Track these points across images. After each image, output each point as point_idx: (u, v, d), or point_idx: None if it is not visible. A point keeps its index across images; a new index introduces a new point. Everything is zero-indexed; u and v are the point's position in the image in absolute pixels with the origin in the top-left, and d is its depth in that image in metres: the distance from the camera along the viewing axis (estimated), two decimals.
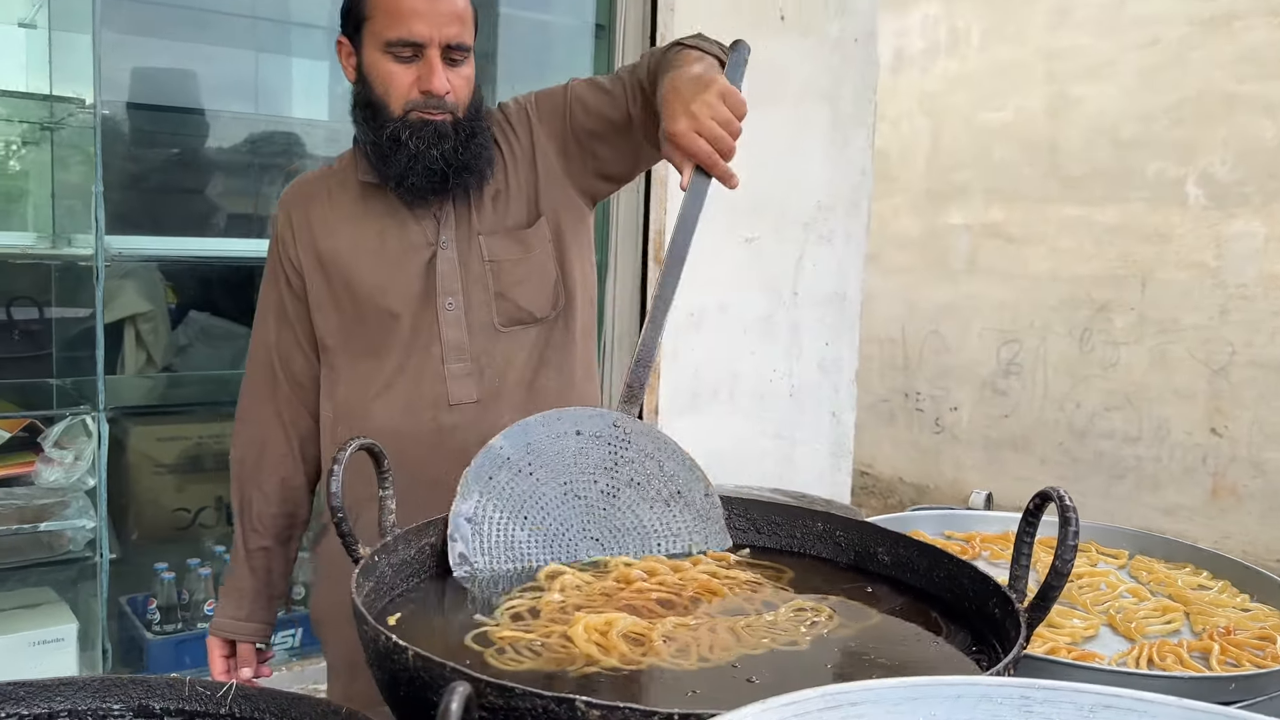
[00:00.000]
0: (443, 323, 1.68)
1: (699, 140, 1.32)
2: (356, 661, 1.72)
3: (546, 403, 1.76)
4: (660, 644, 1.04)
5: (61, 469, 2.18)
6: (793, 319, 3.08)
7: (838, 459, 3.22)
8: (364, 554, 1.11)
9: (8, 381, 2.24)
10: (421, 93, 1.61)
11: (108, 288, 3.02)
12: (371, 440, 1.17)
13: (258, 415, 1.75)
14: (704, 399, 2.91)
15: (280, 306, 1.73)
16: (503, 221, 1.71)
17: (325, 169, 1.76)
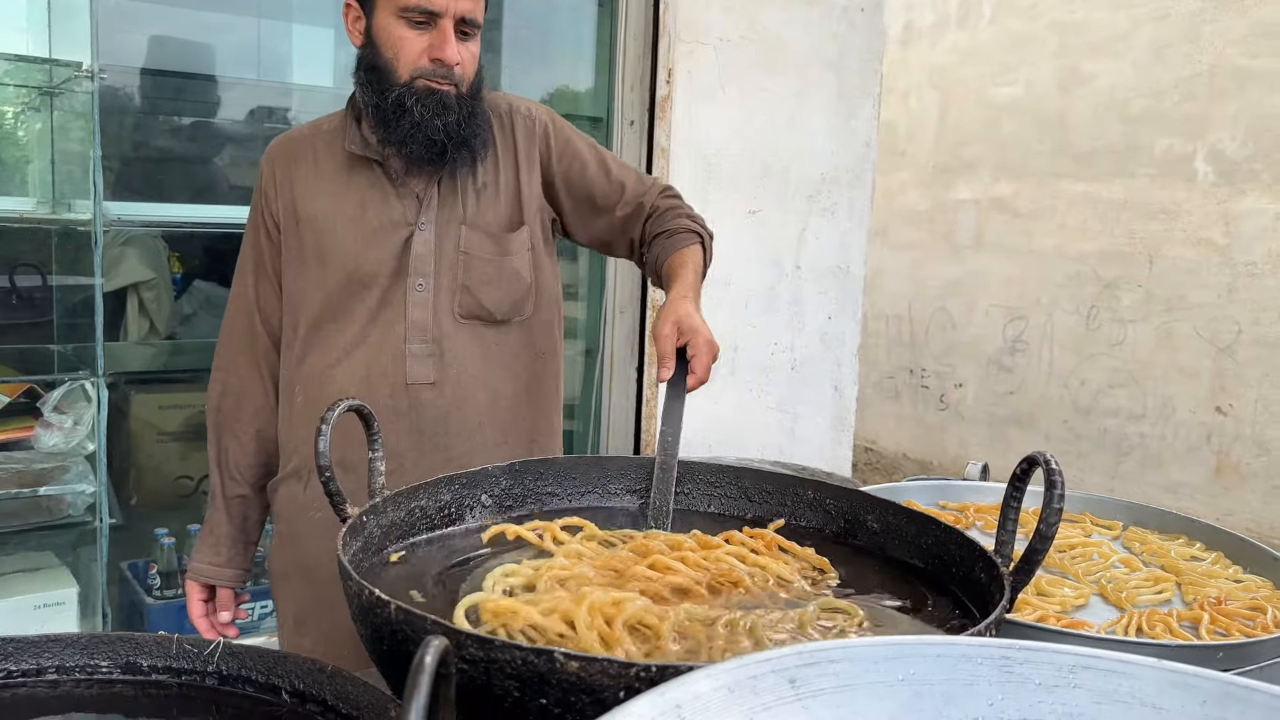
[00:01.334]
0: (410, 302, 1.70)
1: (697, 386, 1.51)
2: (305, 617, 1.76)
3: (503, 404, 1.80)
4: (669, 643, 0.98)
5: (61, 434, 2.19)
6: (795, 292, 3.07)
7: (839, 433, 3.21)
8: (352, 513, 1.12)
9: (8, 347, 2.25)
10: (431, 60, 1.63)
11: (109, 255, 3.03)
12: (360, 402, 1.18)
13: (236, 365, 1.76)
14: None
15: (260, 259, 1.75)
16: (484, 216, 1.74)
17: (312, 127, 1.76)
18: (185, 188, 2.68)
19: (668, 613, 1.01)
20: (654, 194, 1.80)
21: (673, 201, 1.80)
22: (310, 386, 1.71)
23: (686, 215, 1.78)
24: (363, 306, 1.69)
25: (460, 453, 1.71)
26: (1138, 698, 0.81)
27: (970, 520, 1.63)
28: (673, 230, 1.77)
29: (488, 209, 1.75)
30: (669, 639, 0.99)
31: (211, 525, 1.76)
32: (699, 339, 1.51)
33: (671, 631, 1.00)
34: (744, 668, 0.77)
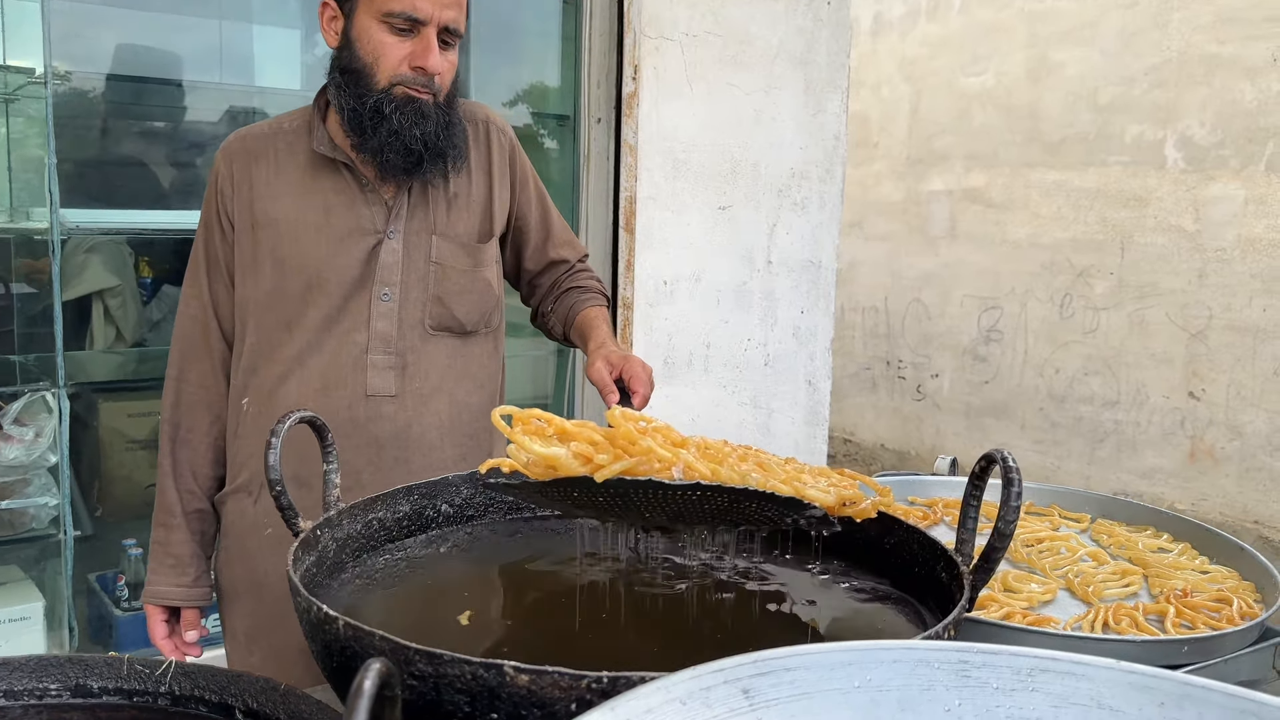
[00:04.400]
0: (374, 313, 1.67)
1: (644, 405, 1.55)
2: (256, 633, 1.73)
3: (466, 417, 1.79)
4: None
5: (22, 446, 2.16)
6: (767, 287, 3.06)
7: (814, 426, 3.21)
8: (304, 527, 1.10)
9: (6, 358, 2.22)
10: (413, 69, 1.60)
11: (73, 263, 2.99)
12: (312, 414, 1.16)
13: (191, 372, 1.72)
14: (678, 367, 2.90)
15: (214, 258, 1.71)
16: (456, 227, 1.73)
17: (273, 125, 1.72)
18: (146, 193, 2.65)
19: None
20: (578, 254, 1.91)
21: (588, 266, 1.93)
22: (260, 397, 1.68)
23: (597, 280, 1.90)
24: (318, 314, 1.66)
25: (420, 467, 1.69)
26: (1095, 700, 0.80)
27: (939, 516, 1.62)
28: (587, 288, 1.86)
29: (459, 219, 1.73)
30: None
31: (169, 545, 1.69)
32: (632, 363, 1.58)
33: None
34: (697, 679, 0.76)
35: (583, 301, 1.85)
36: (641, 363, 1.61)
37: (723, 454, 1.06)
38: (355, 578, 1.15)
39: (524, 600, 1.17)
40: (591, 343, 1.74)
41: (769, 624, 1.11)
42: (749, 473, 1.01)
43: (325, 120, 1.69)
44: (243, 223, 1.68)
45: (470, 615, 1.06)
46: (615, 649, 1.02)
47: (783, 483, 1.02)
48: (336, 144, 1.68)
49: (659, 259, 2.79)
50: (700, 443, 1.07)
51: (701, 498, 0.99)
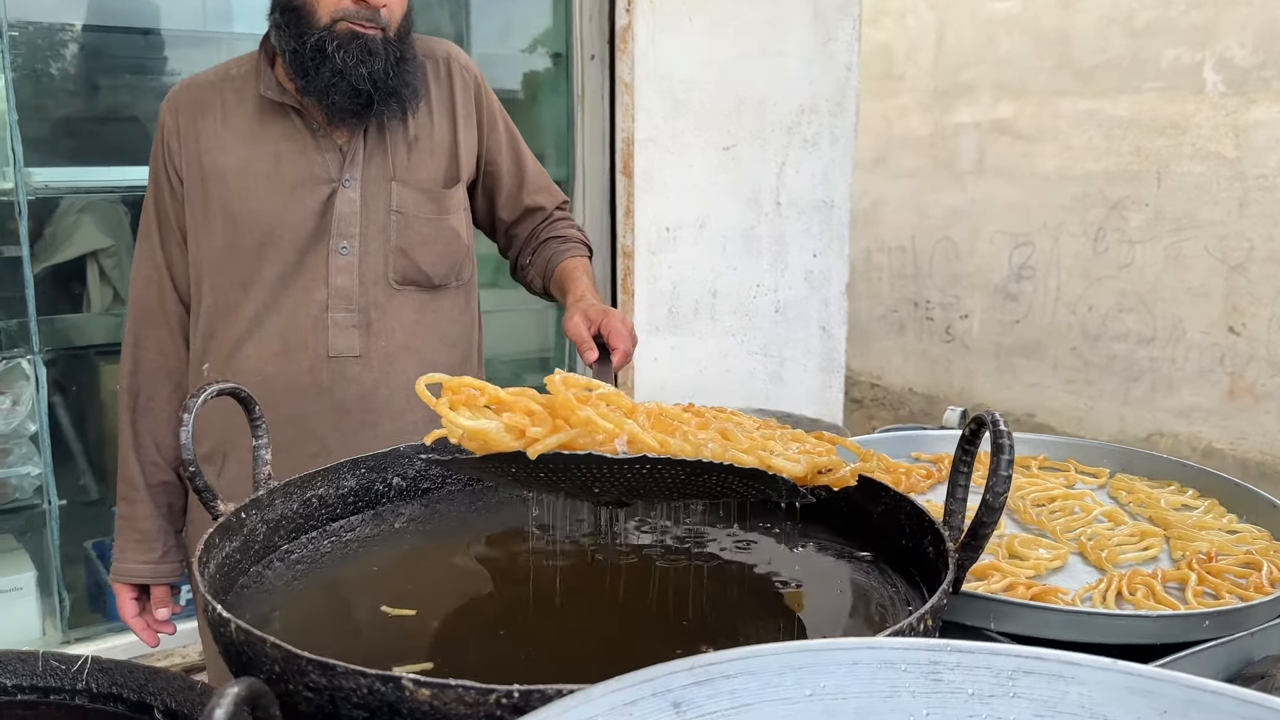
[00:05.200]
0: (332, 268, 1.57)
1: (624, 361, 1.49)
2: None
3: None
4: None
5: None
6: (776, 230, 2.93)
7: (828, 375, 3.08)
8: (224, 510, 1.00)
9: None
10: (355, 1, 1.48)
11: (64, 224, 2.91)
12: (235, 384, 1.06)
13: (149, 338, 1.63)
14: (684, 317, 2.78)
15: (164, 217, 1.61)
16: (418, 172, 1.62)
17: (219, 72, 1.62)
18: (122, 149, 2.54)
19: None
20: (556, 200, 1.80)
21: (567, 214, 1.82)
22: (219, 361, 1.59)
23: (578, 228, 1.80)
24: (274, 271, 1.57)
25: (389, 431, 1.60)
26: (1087, 707, 0.69)
27: (944, 473, 1.51)
28: (566, 238, 1.75)
29: (421, 164, 1.62)
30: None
31: (134, 520, 1.62)
32: (611, 319, 1.49)
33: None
34: (620, 692, 0.66)
35: (562, 252, 1.74)
36: (622, 317, 1.52)
37: (677, 422, 0.95)
38: (289, 564, 1.06)
39: (474, 586, 1.07)
40: (570, 296, 1.63)
41: (738, 609, 1.00)
42: (705, 442, 0.90)
43: (273, 64, 1.58)
44: (191, 177, 1.58)
45: (408, 609, 0.96)
46: (566, 644, 0.92)
47: (745, 452, 0.91)
48: (285, 88, 1.57)
49: (660, 204, 2.66)
50: (654, 410, 0.96)
51: (651, 472, 0.89)
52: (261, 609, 0.96)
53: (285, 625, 0.96)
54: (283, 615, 0.96)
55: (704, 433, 0.94)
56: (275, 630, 0.94)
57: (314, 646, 0.91)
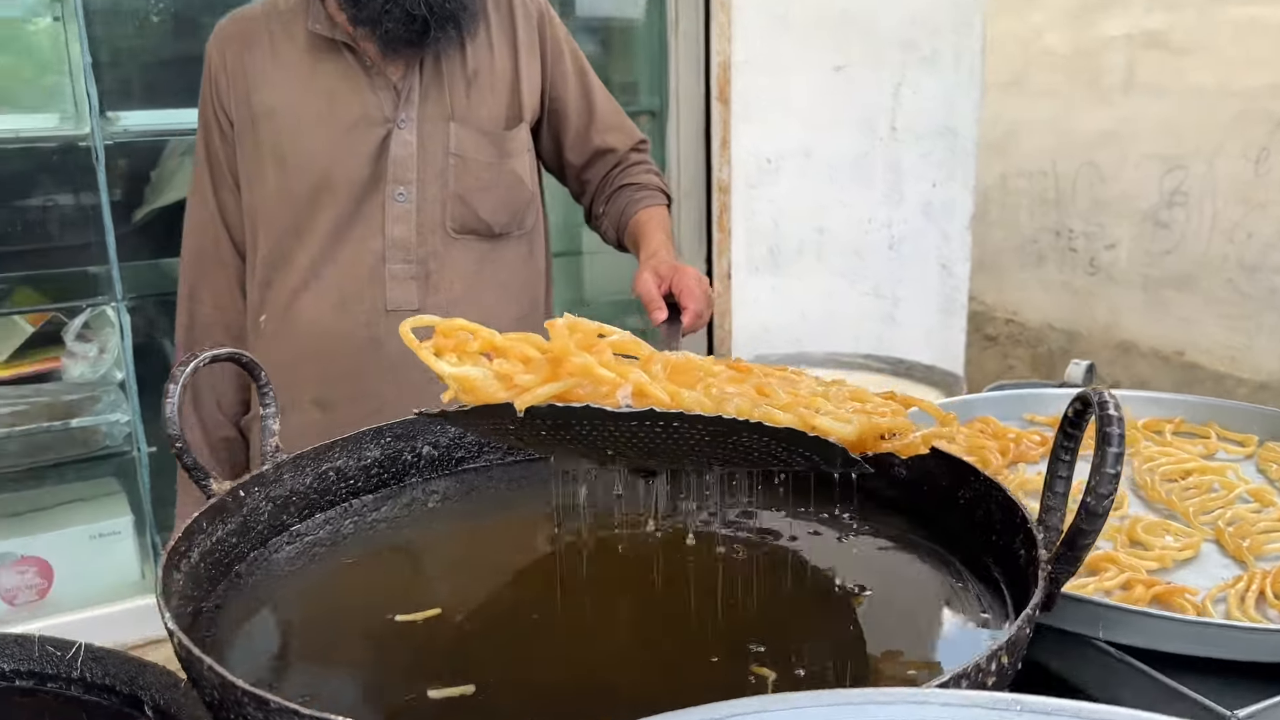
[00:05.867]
0: (389, 216, 1.47)
1: (697, 323, 1.41)
2: None
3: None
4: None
5: (87, 363, 2.10)
6: (891, 159, 2.70)
7: (949, 316, 2.86)
8: (217, 490, 0.91)
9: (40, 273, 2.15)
10: None
11: (166, 168, 2.91)
12: (235, 349, 0.96)
13: (205, 291, 1.57)
14: (787, 256, 2.60)
15: (216, 162, 1.53)
16: (478, 111, 1.50)
17: (267, 5, 1.52)
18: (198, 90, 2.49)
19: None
20: (631, 141, 1.65)
21: (645, 157, 1.66)
22: (276, 313, 1.52)
23: (656, 174, 1.66)
24: (329, 219, 1.48)
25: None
26: None
27: None
28: (642, 184, 1.61)
29: (481, 102, 1.51)
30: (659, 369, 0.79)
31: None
32: (683, 277, 1.38)
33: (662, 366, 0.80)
34: None
35: (637, 202, 1.60)
36: (697, 275, 1.41)
37: (701, 373, 0.80)
38: (302, 547, 0.96)
39: (506, 580, 0.96)
40: (643, 252, 1.51)
41: (789, 610, 0.86)
42: (731, 397, 0.75)
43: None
44: (241, 118, 1.50)
45: (432, 609, 0.84)
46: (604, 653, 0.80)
47: (783, 409, 0.76)
48: (335, 21, 1.46)
49: (759, 133, 2.47)
50: (679, 361, 0.81)
51: (666, 431, 0.74)
52: (254, 602, 0.87)
53: (282, 622, 0.86)
54: (280, 610, 0.87)
55: (734, 387, 0.79)
56: (267, 629, 0.86)
57: (316, 652, 0.82)
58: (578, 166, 1.65)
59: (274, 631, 0.85)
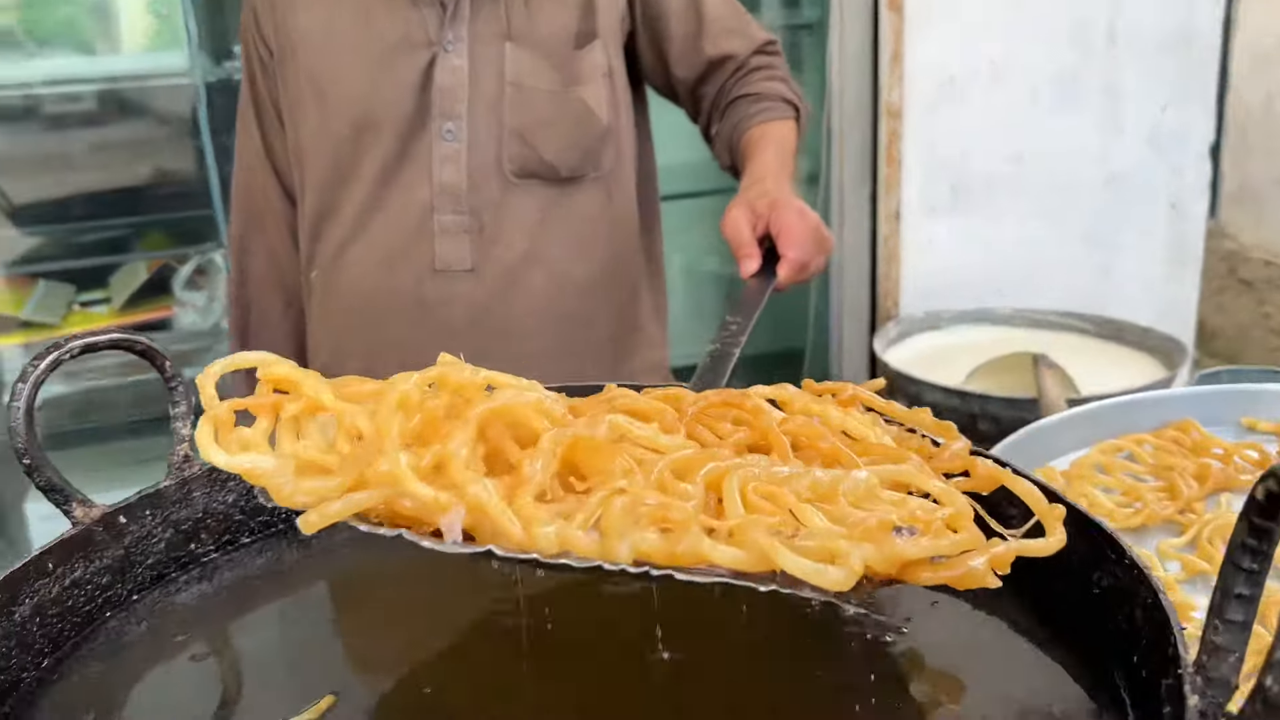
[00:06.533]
0: (436, 158, 1.24)
1: (800, 275, 1.12)
2: None
3: (570, 293, 1.31)
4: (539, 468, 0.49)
5: (196, 312, 2.01)
6: (1109, 76, 2.23)
7: (1179, 267, 2.38)
8: (83, 516, 0.71)
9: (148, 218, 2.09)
10: None
11: None
12: (121, 334, 0.75)
13: (257, 242, 1.40)
14: (973, 195, 2.21)
15: (259, 98, 1.35)
16: (540, 28, 1.24)
17: None
18: None
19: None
20: (753, 44, 1.34)
21: (770, 60, 1.37)
22: (325, 266, 1.34)
23: (782, 79, 1.36)
24: (374, 163, 1.28)
25: (505, 361, 1.28)
26: None
27: None
28: (762, 94, 1.31)
29: (544, 15, 1.25)
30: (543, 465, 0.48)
31: None
32: (783, 213, 1.10)
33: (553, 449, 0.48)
34: None
35: (752, 116, 1.31)
36: (800, 210, 1.12)
37: (607, 458, 0.49)
38: (203, 590, 0.76)
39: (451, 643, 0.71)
40: (744, 178, 1.22)
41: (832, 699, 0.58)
42: (631, 519, 0.46)
43: None
44: (280, 46, 1.32)
45: (333, 695, 0.61)
46: None
47: (734, 532, 0.46)
48: None
49: (940, 45, 2.08)
50: (587, 441, 0.51)
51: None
52: (113, 671, 0.66)
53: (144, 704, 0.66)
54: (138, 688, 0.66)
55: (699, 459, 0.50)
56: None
57: None
58: (690, 82, 1.37)
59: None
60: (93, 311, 2.05)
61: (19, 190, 2.16)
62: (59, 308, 2.03)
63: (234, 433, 0.53)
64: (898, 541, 0.50)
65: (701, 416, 0.61)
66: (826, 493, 0.52)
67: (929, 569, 0.52)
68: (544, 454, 0.47)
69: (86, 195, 2.13)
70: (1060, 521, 0.57)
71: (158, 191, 2.06)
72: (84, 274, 2.15)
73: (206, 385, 0.55)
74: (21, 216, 2.16)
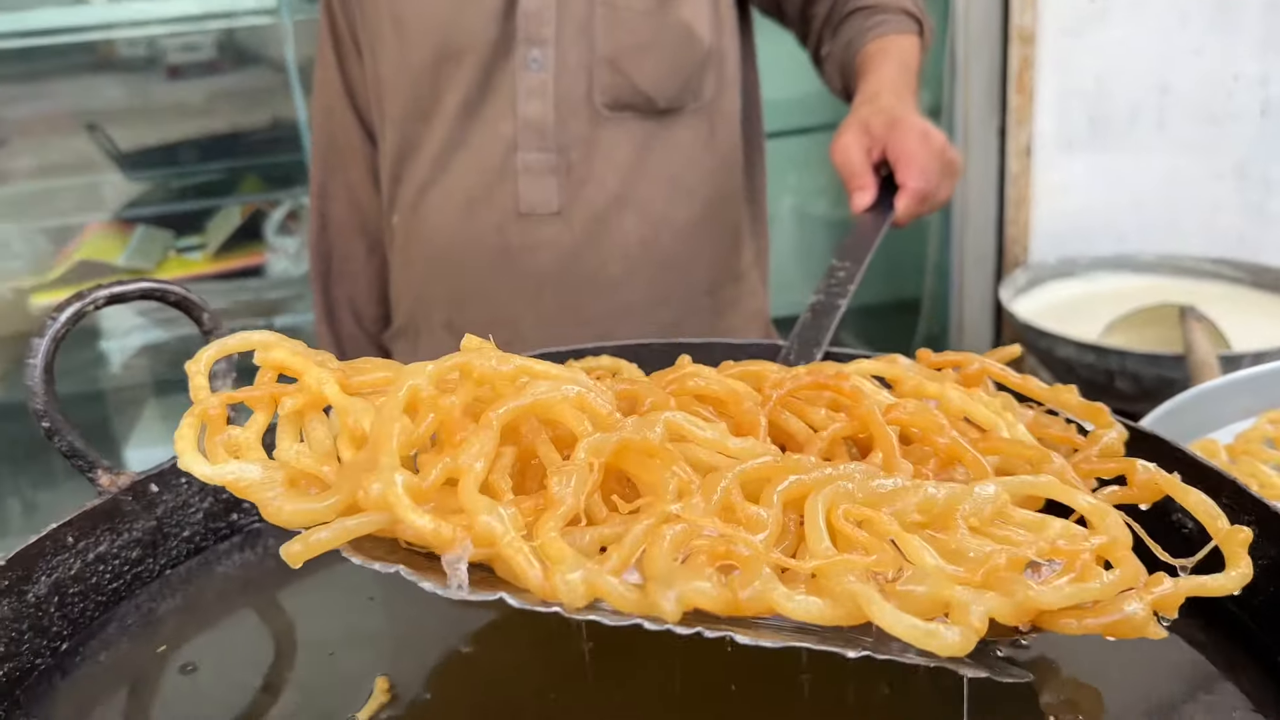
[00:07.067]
0: (521, 90, 1.13)
1: (922, 208, 0.98)
2: None
3: (667, 240, 1.20)
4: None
5: (288, 258, 1.98)
6: None
7: None
8: (108, 484, 0.65)
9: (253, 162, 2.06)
10: None
11: None
12: (155, 284, 0.68)
13: (338, 187, 1.33)
14: (1113, 127, 2.01)
15: (336, 29, 1.27)
16: None
17: None
18: None
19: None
20: None
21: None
22: (405, 213, 1.27)
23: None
24: (456, 97, 1.19)
25: (597, 313, 1.20)
26: None
27: None
28: (880, 6, 1.16)
29: None
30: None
31: None
32: (902, 135, 0.96)
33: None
34: None
35: (867, 31, 1.18)
36: (924, 131, 0.98)
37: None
38: (246, 559, 0.69)
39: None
40: (857, 95, 1.08)
41: None
42: (676, 554, 0.35)
43: None
44: None
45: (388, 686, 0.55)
46: None
47: (814, 575, 0.36)
48: None
49: None
50: (638, 443, 0.40)
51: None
52: (157, 648, 0.60)
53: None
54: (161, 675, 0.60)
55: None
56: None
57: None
58: (799, 1, 1.24)
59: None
60: (188, 258, 2.04)
61: (125, 138, 2.16)
62: (156, 254, 2.02)
63: (223, 433, 0.44)
64: (1032, 587, 0.38)
65: (789, 401, 0.50)
66: (941, 514, 0.41)
67: (1073, 615, 0.41)
68: (579, 469, 0.37)
69: (187, 142, 2.12)
70: (1245, 548, 0.45)
71: (252, 136, 2.02)
72: (183, 220, 2.14)
73: (197, 375, 0.47)
74: (127, 163, 2.16)
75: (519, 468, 0.42)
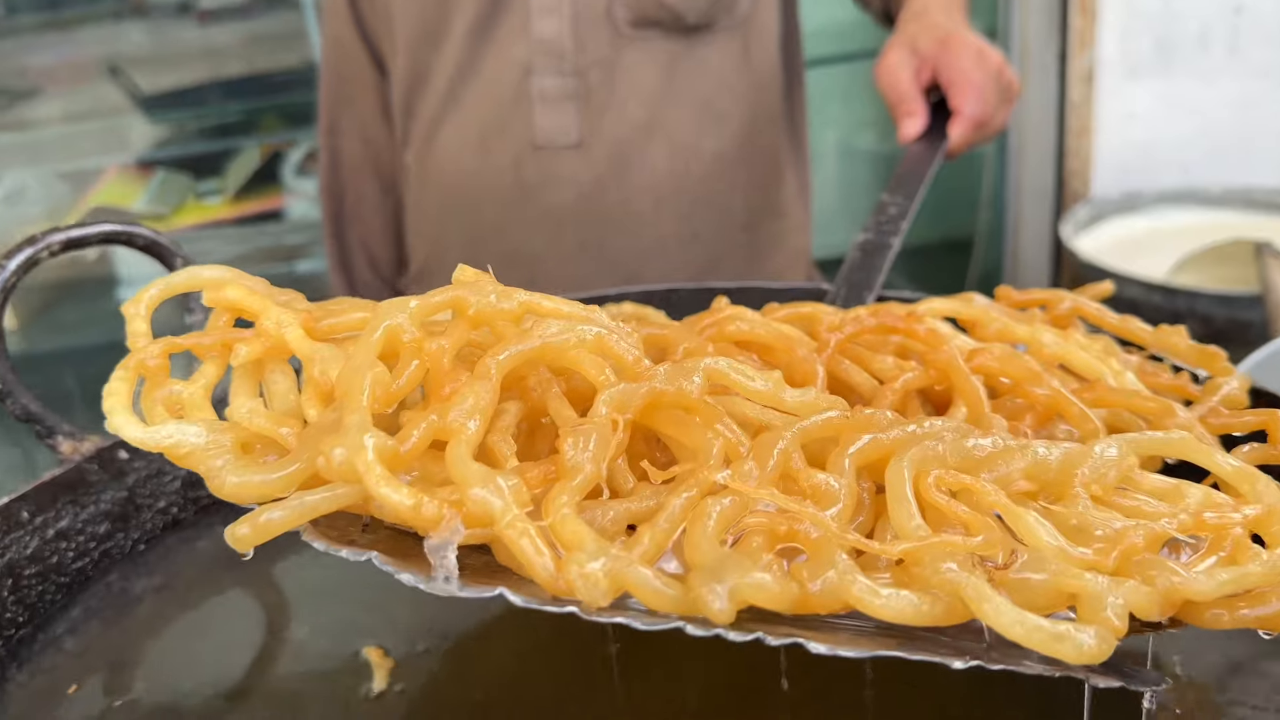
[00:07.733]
0: (534, 5, 1.03)
1: (977, 136, 0.89)
2: None
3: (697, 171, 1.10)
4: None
5: (308, 201, 1.90)
6: None
7: None
8: (68, 450, 0.58)
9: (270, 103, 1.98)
10: None
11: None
12: (119, 227, 0.60)
13: (349, 124, 1.25)
14: (1180, 52, 1.88)
15: None
16: None
17: None
18: None
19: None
20: None
21: None
22: (419, 147, 1.18)
23: None
24: (465, 18, 1.10)
25: (622, 252, 1.11)
26: None
27: None
28: None
29: None
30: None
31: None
32: (954, 55, 0.87)
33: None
34: None
35: None
36: (979, 50, 0.89)
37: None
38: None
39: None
40: (903, 11, 0.99)
41: None
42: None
43: None
44: None
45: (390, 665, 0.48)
46: None
47: (902, 558, 0.28)
48: None
49: None
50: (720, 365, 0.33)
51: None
52: (131, 628, 0.54)
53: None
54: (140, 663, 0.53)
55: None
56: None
57: None
58: None
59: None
60: (207, 203, 1.97)
61: (149, 82, 2.10)
62: (174, 198, 1.95)
63: (164, 388, 0.36)
64: (1179, 573, 0.30)
65: (848, 348, 0.42)
66: (1056, 481, 0.32)
67: (1223, 607, 0.32)
68: (599, 428, 0.29)
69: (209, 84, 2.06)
70: None
71: (274, 77, 1.94)
72: (202, 163, 2.07)
73: (135, 318, 0.39)
74: (150, 105, 2.10)
75: (525, 428, 0.34)
